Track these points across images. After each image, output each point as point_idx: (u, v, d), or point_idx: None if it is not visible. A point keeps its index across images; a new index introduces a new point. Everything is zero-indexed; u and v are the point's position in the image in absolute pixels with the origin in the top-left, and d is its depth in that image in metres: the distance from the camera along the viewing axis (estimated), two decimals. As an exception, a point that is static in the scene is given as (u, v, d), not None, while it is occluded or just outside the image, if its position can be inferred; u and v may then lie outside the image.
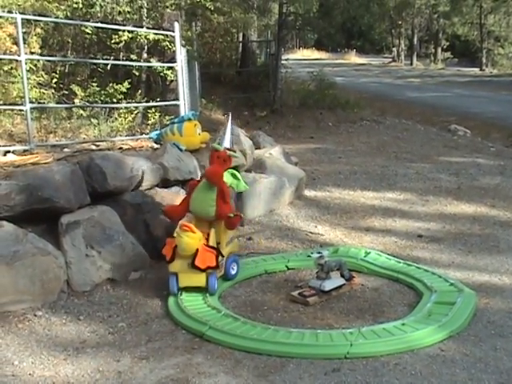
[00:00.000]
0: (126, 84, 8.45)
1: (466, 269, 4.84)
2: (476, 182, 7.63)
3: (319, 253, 4.41)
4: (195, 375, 3.30)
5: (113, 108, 8.07)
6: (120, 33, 8.96)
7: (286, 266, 4.92)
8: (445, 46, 41.89)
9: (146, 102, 8.99)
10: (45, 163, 4.91)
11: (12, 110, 7.20)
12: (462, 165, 8.64)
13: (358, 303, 4.23)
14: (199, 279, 4.29)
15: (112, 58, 9.63)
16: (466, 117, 14.61)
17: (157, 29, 9.50)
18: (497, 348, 3.52)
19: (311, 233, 5.80)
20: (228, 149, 4.69)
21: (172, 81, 9.68)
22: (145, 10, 9.84)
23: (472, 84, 24.62)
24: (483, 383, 3.15)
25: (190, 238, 4.18)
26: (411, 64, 39.21)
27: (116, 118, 8.00)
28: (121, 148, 6.18)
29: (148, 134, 6.94)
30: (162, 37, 9.17)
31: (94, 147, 6.28)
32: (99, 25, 8.43)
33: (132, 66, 9.32)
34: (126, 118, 8.08)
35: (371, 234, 5.79)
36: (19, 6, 8.08)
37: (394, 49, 44.39)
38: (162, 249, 4.38)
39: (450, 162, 8.86)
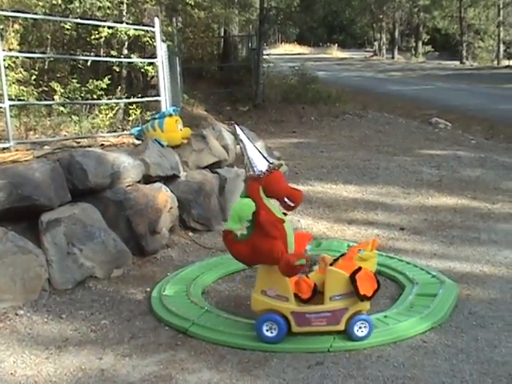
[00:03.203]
0: (106, 80, 8.37)
1: (447, 260, 4.89)
2: (457, 175, 7.70)
3: (302, 247, 4.40)
4: (179, 371, 3.29)
5: (93, 104, 8.00)
6: (100, 29, 8.86)
7: (269, 261, 4.90)
8: (425, 40, 42.29)
9: (127, 98, 8.92)
10: (25, 161, 4.86)
11: (-10, 107, 7.10)
12: (443, 157, 8.71)
13: (341, 296, 4.24)
14: None
15: (92, 54, 9.54)
16: (446, 110, 14.71)
17: (137, 24, 9.43)
18: (478, 339, 3.55)
19: (294, 227, 5.80)
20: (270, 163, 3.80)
21: (153, 76, 9.63)
22: (125, 6, 9.75)
23: (452, 77, 24.79)
24: (465, 373, 3.18)
25: None
26: (393, 58, 39.47)
27: (97, 115, 7.92)
28: (102, 145, 6.15)
29: (129, 130, 6.90)
30: (143, 32, 9.10)
31: (74, 144, 6.24)
32: (79, 21, 8.35)
33: (112, 62, 9.24)
34: (107, 115, 8.00)
35: (354, 227, 5.82)
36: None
37: (376, 43, 44.66)
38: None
39: (431, 155, 8.92)
